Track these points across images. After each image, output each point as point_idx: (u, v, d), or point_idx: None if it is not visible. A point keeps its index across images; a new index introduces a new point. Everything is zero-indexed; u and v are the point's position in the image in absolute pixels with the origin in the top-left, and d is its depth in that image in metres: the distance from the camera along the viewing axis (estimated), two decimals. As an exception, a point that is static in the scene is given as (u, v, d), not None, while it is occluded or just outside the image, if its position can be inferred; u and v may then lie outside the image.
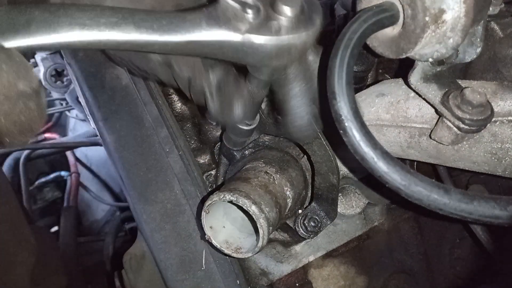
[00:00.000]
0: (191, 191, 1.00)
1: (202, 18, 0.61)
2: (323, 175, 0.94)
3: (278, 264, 1.09)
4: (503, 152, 0.73)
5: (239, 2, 0.61)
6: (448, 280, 1.26)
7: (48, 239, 1.95)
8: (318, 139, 0.90)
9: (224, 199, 0.78)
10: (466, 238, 1.22)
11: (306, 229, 1.00)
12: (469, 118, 0.69)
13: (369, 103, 0.89)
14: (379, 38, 0.73)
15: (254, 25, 0.60)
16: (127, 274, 1.09)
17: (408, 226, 1.28)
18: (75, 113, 3.23)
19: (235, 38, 0.60)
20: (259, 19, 0.61)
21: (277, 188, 0.89)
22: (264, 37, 0.60)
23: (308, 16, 0.63)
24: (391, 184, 0.61)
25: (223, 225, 0.88)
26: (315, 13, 0.64)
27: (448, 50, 0.70)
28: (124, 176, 1.00)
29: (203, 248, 0.97)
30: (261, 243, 0.78)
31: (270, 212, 0.81)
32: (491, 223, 0.59)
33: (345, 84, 0.63)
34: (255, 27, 0.60)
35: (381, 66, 1.22)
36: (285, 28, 0.61)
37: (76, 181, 2.94)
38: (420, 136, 0.82)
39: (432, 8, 0.64)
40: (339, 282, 1.16)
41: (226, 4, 0.61)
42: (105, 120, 1.03)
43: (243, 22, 0.60)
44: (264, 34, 0.60)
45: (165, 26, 0.59)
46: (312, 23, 0.63)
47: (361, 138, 0.61)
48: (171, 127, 1.04)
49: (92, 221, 3.05)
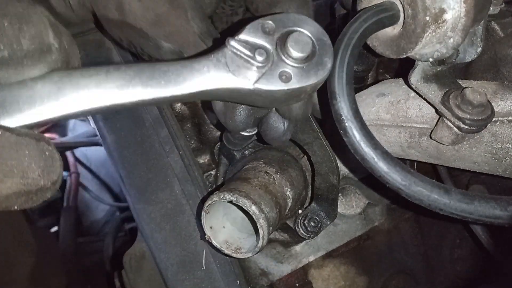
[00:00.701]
0: (191, 191, 1.00)
1: (210, 67, 0.58)
2: (323, 175, 0.94)
3: (278, 264, 1.09)
4: (504, 152, 0.73)
5: (247, 47, 0.58)
6: (448, 280, 1.26)
7: (48, 239, 1.95)
8: (319, 139, 0.90)
9: (224, 199, 0.78)
10: (466, 238, 1.22)
11: (306, 229, 1.00)
12: (469, 118, 0.69)
13: (369, 103, 0.89)
14: (379, 38, 0.73)
15: (263, 73, 0.58)
16: (127, 274, 1.09)
17: (408, 226, 1.28)
18: (75, 113, 3.22)
19: (245, 86, 0.58)
20: (269, 66, 0.58)
21: (277, 188, 0.89)
22: (274, 86, 0.58)
23: (319, 60, 0.60)
24: (392, 184, 0.61)
25: (223, 225, 0.88)
26: (326, 55, 0.61)
27: (449, 50, 0.70)
28: (124, 176, 1.00)
29: (203, 248, 0.96)
30: (261, 243, 0.78)
31: (270, 212, 0.81)
32: (491, 223, 0.59)
33: (345, 84, 0.63)
34: (265, 75, 0.58)
35: (381, 66, 1.22)
36: (296, 75, 0.59)
37: (76, 181, 2.93)
38: (420, 136, 0.82)
39: (432, 8, 0.64)
40: (339, 282, 1.16)
41: (235, 49, 0.58)
42: (105, 119, 1.03)
43: (252, 70, 0.58)
44: (274, 84, 0.58)
45: (173, 80, 0.57)
46: (323, 67, 0.60)
47: (361, 138, 0.61)
48: (171, 127, 1.04)
49: (92, 221, 3.05)
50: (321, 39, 0.61)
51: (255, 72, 0.58)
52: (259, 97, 0.60)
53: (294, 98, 0.63)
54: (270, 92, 0.59)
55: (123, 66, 0.57)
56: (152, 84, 0.56)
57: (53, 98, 0.52)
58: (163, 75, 0.57)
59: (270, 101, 0.62)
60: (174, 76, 0.57)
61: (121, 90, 0.55)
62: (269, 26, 0.60)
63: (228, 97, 0.62)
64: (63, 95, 0.52)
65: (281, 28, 0.61)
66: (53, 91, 0.52)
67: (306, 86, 0.59)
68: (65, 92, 0.52)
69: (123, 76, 0.55)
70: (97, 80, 0.54)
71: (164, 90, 0.57)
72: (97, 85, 0.54)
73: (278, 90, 0.59)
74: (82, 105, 0.53)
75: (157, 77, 0.57)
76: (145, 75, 0.56)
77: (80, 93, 0.53)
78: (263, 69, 0.58)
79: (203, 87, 0.58)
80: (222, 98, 0.63)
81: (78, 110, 0.53)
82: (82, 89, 0.53)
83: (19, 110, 0.50)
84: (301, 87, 0.59)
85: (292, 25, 0.61)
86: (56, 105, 0.52)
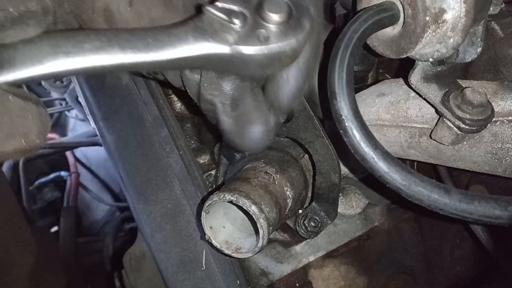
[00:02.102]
0: (191, 191, 1.00)
1: (189, 32, 0.59)
2: (324, 174, 0.94)
3: (278, 264, 1.09)
4: (504, 152, 0.73)
5: (224, 12, 0.59)
6: (448, 280, 1.26)
7: (48, 239, 1.95)
8: (321, 137, 0.90)
9: (224, 199, 0.78)
10: (466, 238, 1.22)
11: (306, 229, 1.00)
12: (469, 118, 0.69)
13: (370, 103, 0.89)
14: (379, 38, 0.73)
15: (241, 35, 0.59)
16: (127, 274, 1.09)
17: (408, 226, 1.28)
18: (74, 113, 3.23)
19: (224, 50, 0.59)
20: (247, 28, 0.59)
21: (277, 188, 0.89)
22: (253, 47, 0.59)
23: (297, 21, 0.61)
24: (392, 184, 0.61)
25: (223, 225, 0.88)
26: (304, 16, 0.62)
27: (449, 50, 0.70)
28: (124, 176, 1.00)
29: (203, 248, 0.96)
30: (261, 243, 0.78)
31: (270, 212, 0.81)
32: (491, 223, 0.59)
33: (345, 84, 0.63)
34: (243, 37, 0.59)
35: (381, 66, 1.22)
36: (274, 36, 0.59)
37: (75, 181, 2.94)
38: (420, 136, 0.82)
39: (432, 8, 0.64)
40: (339, 283, 1.16)
41: (212, 15, 0.59)
42: (105, 119, 1.03)
43: (230, 33, 0.59)
44: (252, 44, 0.59)
45: (151, 44, 0.57)
46: (301, 27, 0.61)
47: (361, 138, 0.61)
48: (171, 126, 1.04)
49: (92, 221, 3.05)
50: (297, 3, 0.62)
51: (233, 35, 0.59)
52: (240, 62, 0.60)
53: (275, 62, 0.62)
54: (249, 55, 0.59)
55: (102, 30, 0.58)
56: (130, 46, 0.56)
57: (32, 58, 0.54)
58: (141, 39, 0.57)
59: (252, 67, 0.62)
60: (152, 40, 0.58)
61: (99, 51, 0.55)
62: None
63: (209, 65, 0.62)
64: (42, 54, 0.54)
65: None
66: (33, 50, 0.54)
67: (285, 46, 0.60)
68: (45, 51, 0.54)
69: (100, 38, 0.56)
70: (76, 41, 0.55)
71: (142, 54, 0.57)
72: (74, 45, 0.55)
73: (258, 53, 0.59)
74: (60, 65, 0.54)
75: (134, 41, 0.57)
76: (123, 38, 0.57)
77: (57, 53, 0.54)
78: (241, 32, 0.59)
79: (183, 53, 0.58)
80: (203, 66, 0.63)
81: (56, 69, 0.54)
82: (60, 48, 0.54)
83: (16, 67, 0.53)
84: (280, 48, 0.60)
85: None
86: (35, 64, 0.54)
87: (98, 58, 0.55)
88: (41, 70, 0.54)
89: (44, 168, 3.17)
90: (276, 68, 0.65)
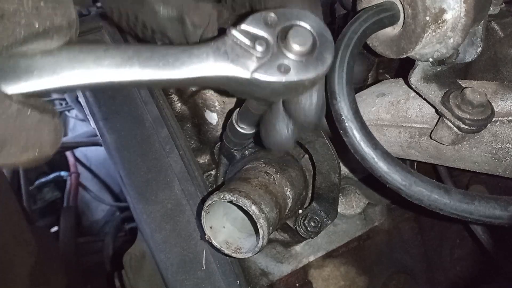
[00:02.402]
0: (191, 191, 1.00)
1: (210, 53, 0.59)
2: (324, 174, 0.94)
3: (278, 264, 1.09)
4: (504, 152, 0.73)
5: (248, 37, 0.59)
6: (448, 280, 1.26)
7: (48, 239, 1.95)
8: (321, 137, 0.90)
9: (224, 199, 0.78)
10: (466, 238, 1.22)
11: (306, 229, 1.00)
12: (469, 118, 0.69)
13: (369, 103, 0.89)
14: (379, 38, 0.73)
15: (262, 64, 0.59)
16: (127, 274, 1.09)
17: (408, 226, 1.28)
18: (74, 113, 3.23)
19: (243, 75, 0.59)
20: (268, 57, 0.59)
21: (277, 188, 0.89)
22: (272, 77, 0.59)
23: (320, 55, 0.61)
24: (392, 184, 0.61)
25: (223, 225, 0.88)
26: (326, 51, 0.61)
27: (449, 50, 0.70)
28: (124, 176, 1.00)
29: (203, 248, 0.96)
30: (261, 243, 0.78)
31: (270, 212, 0.81)
32: (491, 223, 0.59)
33: (345, 84, 0.63)
34: (263, 66, 0.59)
35: (381, 66, 1.22)
36: (295, 68, 0.59)
37: (76, 181, 2.94)
38: (420, 136, 0.82)
39: (432, 8, 0.64)
40: (339, 283, 1.16)
41: (235, 39, 0.59)
42: (105, 119, 1.03)
43: (251, 59, 0.59)
44: (272, 74, 0.59)
45: (171, 64, 0.57)
46: (322, 62, 0.60)
47: (361, 138, 0.61)
48: (171, 126, 1.04)
49: (92, 221, 3.05)
50: (322, 35, 0.62)
51: (254, 62, 0.59)
52: (257, 88, 0.60)
53: (292, 92, 0.63)
54: (268, 83, 0.59)
55: (122, 46, 0.58)
56: (150, 65, 0.57)
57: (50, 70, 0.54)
58: (162, 57, 0.58)
59: (268, 93, 0.62)
60: (172, 59, 0.58)
61: (118, 68, 0.56)
62: (271, 19, 0.61)
63: (225, 85, 0.62)
64: (61, 67, 0.54)
65: (283, 21, 0.61)
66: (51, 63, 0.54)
67: (304, 80, 0.60)
68: (63, 65, 0.54)
69: (121, 55, 0.56)
70: (95, 56, 0.55)
71: (161, 72, 0.57)
72: (94, 61, 0.55)
73: (276, 82, 0.59)
74: (78, 79, 0.55)
75: (155, 59, 0.57)
76: (144, 56, 0.57)
77: (76, 68, 0.55)
78: (262, 59, 0.59)
79: (201, 73, 0.59)
80: (221, 87, 0.64)
81: (73, 83, 0.55)
82: (79, 63, 0.55)
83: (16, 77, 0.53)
84: (299, 80, 0.60)
85: (294, 19, 0.62)
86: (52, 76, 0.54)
87: (117, 75, 0.56)
88: (58, 82, 0.54)
89: (44, 168, 3.17)
90: (293, 95, 0.66)
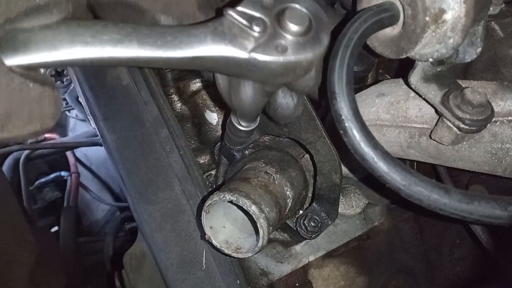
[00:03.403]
0: (191, 191, 1.00)
1: (208, 34, 0.59)
2: (326, 174, 0.94)
3: (278, 264, 1.09)
4: (503, 152, 0.73)
5: (245, 17, 0.59)
6: (448, 280, 1.26)
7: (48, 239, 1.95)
8: (322, 138, 0.90)
9: (224, 199, 0.78)
10: (466, 238, 1.22)
11: (307, 229, 1.00)
12: (469, 118, 0.69)
13: (369, 103, 0.89)
14: (379, 38, 0.73)
15: (260, 43, 0.59)
16: (127, 274, 1.09)
17: (408, 226, 1.28)
18: (75, 113, 3.23)
19: (241, 55, 0.59)
20: (266, 37, 0.59)
21: (277, 188, 0.89)
22: (270, 56, 0.59)
23: (316, 35, 0.61)
24: (391, 184, 0.61)
25: (223, 225, 0.88)
26: (323, 31, 0.62)
27: (449, 50, 0.70)
28: (125, 176, 1.00)
29: (203, 248, 0.96)
30: (261, 243, 0.78)
31: (270, 212, 0.81)
32: (491, 223, 0.59)
33: (345, 84, 0.63)
34: (261, 45, 0.59)
35: (381, 66, 1.22)
36: (292, 47, 0.59)
37: (76, 181, 2.93)
38: (420, 136, 0.82)
39: (432, 8, 0.64)
40: (339, 282, 1.16)
41: (233, 19, 0.59)
42: (105, 119, 1.03)
43: (249, 39, 0.59)
44: (270, 54, 0.59)
45: (169, 42, 0.57)
46: (319, 42, 0.61)
47: (361, 138, 0.61)
48: (171, 126, 1.04)
49: (92, 221, 3.05)
50: (318, 16, 0.62)
51: (252, 42, 0.59)
52: (255, 68, 0.60)
53: (290, 73, 0.63)
54: (266, 63, 0.59)
55: (120, 23, 0.57)
56: (148, 42, 0.56)
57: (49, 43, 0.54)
58: (160, 36, 0.57)
59: (266, 74, 0.62)
60: (171, 38, 0.58)
61: (116, 44, 0.55)
62: (268, 1, 0.61)
63: (224, 67, 0.62)
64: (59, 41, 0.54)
65: (280, 3, 0.62)
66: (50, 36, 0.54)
67: (301, 59, 0.60)
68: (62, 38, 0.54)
69: (119, 31, 0.56)
70: (94, 31, 0.55)
71: (159, 51, 0.57)
72: (92, 36, 0.55)
73: (274, 61, 0.59)
74: (76, 53, 0.55)
75: (153, 37, 0.57)
76: (142, 34, 0.57)
77: (75, 42, 0.54)
78: (259, 39, 0.59)
79: (199, 53, 0.58)
80: (218, 69, 0.63)
81: (71, 57, 0.55)
82: (77, 37, 0.55)
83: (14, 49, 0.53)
84: (296, 60, 0.60)
85: (290, 1, 0.62)
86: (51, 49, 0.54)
87: (115, 51, 0.56)
88: (56, 56, 0.54)
89: (44, 168, 3.17)
90: (290, 78, 0.66)
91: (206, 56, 0.59)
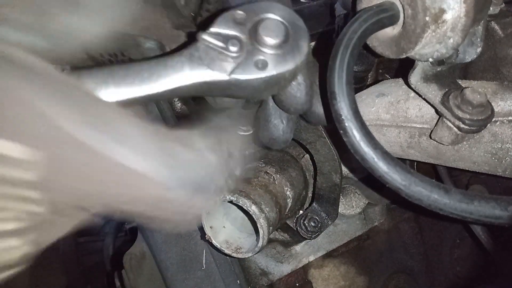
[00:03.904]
0: (191, 191, 0.99)
1: (184, 62, 0.58)
2: (326, 174, 0.94)
3: (278, 264, 1.09)
4: (504, 152, 0.73)
5: (220, 39, 0.58)
6: (448, 280, 1.26)
7: (48, 239, 1.94)
8: (322, 138, 0.90)
9: (224, 199, 0.78)
10: (466, 238, 1.22)
11: (307, 229, 1.00)
12: (469, 118, 0.69)
13: (369, 103, 0.89)
14: (379, 38, 0.73)
15: (239, 63, 0.58)
16: (127, 274, 1.09)
17: (408, 226, 1.28)
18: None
19: (222, 78, 0.58)
20: (244, 55, 0.58)
21: (277, 188, 0.89)
22: (251, 75, 0.58)
23: (294, 43, 0.60)
24: (391, 184, 0.61)
25: (223, 225, 0.88)
26: (301, 38, 0.60)
27: (448, 50, 0.70)
28: (124, 176, 1.00)
29: (203, 248, 0.97)
30: (261, 243, 0.78)
31: (270, 212, 0.81)
32: (491, 223, 0.59)
33: (345, 84, 0.63)
34: (240, 65, 0.58)
35: (381, 66, 1.21)
36: (272, 61, 0.58)
37: (76, 181, 2.93)
38: (420, 136, 0.82)
39: (432, 8, 0.64)
40: (339, 282, 1.16)
41: (208, 43, 0.58)
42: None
43: (227, 61, 0.58)
44: (250, 73, 0.58)
45: (147, 79, 0.56)
46: (299, 50, 0.60)
47: (361, 138, 0.61)
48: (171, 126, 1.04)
49: (92, 221, 3.05)
50: (294, 23, 0.61)
51: (230, 63, 0.58)
52: (238, 88, 0.59)
53: (274, 86, 0.62)
54: (247, 82, 0.58)
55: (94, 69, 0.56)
56: (125, 83, 0.56)
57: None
58: (136, 74, 0.56)
59: (250, 92, 0.61)
60: (147, 74, 0.57)
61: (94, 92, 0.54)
62: (240, 16, 0.60)
63: (207, 90, 0.61)
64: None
65: (253, 16, 0.60)
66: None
67: (284, 72, 0.59)
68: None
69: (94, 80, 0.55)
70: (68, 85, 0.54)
71: (138, 89, 0.56)
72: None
73: (255, 79, 0.58)
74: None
75: (130, 77, 0.56)
76: (118, 76, 0.56)
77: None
78: (238, 59, 0.58)
79: (179, 83, 0.57)
80: (202, 92, 0.62)
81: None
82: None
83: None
84: (278, 73, 0.59)
85: (263, 12, 0.61)
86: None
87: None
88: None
89: (44, 168, 3.17)
90: (275, 91, 0.65)
91: (186, 84, 0.58)
